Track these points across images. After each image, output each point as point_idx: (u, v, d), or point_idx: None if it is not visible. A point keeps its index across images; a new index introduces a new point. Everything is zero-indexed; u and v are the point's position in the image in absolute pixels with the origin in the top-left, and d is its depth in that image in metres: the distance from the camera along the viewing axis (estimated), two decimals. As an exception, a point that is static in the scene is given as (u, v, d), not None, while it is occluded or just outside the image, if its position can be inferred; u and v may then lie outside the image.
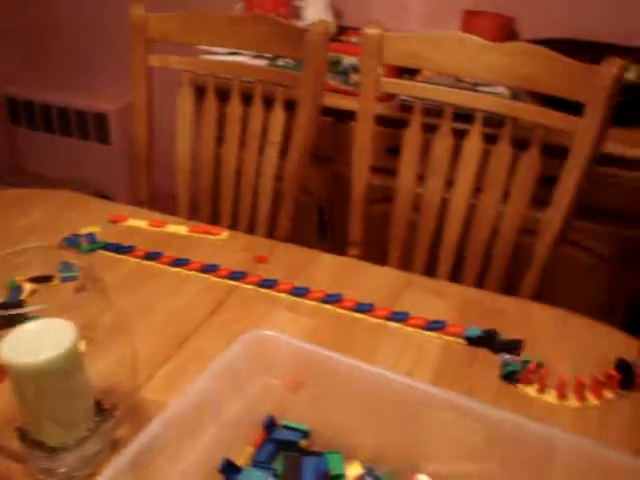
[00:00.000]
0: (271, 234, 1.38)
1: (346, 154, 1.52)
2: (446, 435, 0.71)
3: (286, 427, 0.72)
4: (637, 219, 1.47)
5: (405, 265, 1.33)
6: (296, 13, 1.83)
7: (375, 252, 1.67)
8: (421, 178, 1.29)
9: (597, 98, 1.09)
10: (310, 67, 1.27)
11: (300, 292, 0.96)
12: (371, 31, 1.25)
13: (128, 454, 0.56)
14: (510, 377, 0.82)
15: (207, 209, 1.46)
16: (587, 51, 1.65)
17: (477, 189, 1.24)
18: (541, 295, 1.61)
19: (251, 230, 1.40)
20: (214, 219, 1.43)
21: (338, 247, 1.36)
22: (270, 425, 0.72)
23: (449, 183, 1.27)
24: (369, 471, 0.67)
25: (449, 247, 1.29)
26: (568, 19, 1.76)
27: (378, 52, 1.25)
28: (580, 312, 1.61)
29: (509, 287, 1.23)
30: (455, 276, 1.29)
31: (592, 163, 1.12)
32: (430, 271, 1.31)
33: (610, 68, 1.08)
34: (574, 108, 1.12)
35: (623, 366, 0.83)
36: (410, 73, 1.58)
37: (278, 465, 0.69)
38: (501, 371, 0.82)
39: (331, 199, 1.70)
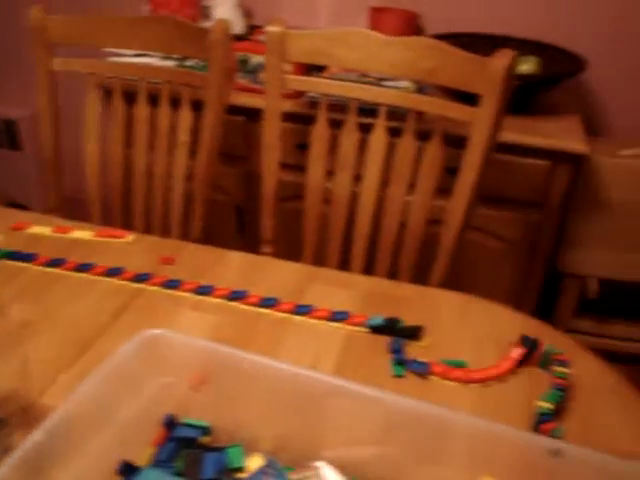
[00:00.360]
0: (185, 235, 1.38)
1: (259, 152, 1.52)
2: (346, 422, 0.72)
3: (186, 425, 0.71)
4: (538, 205, 1.53)
5: (319, 260, 1.34)
6: (205, 13, 1.83)
7: (290, 249, 1.69)
8: (331, 173, 1.30)
9: (491, 88, 1.12)
10: (214, 66, 1.27)
11: (205, 291, 0.96)
12: (273, 29, 1.26)
13: (10, 462, 0.54)
14: (414, 368, 0.84)
15: (119, 213, 1.44)
16: (488, 44, 1.70)
17: (385, 182, 1.27)
18: (453, 282, 1.66)
19: (165, 232, 1.39)
20: (127, 223, 1.41)
21: (256, 245, 1.37)
22: (170, 424, 0.71)
23: (358, 177, 1.28)
24: (270, 462, 0.68)
25: (361, 240, 1.31)
26: (471, 14, 1.81)
27: (281, 50, 1.26)
28: (494, 297, 1.66)
29: (420, 276, 1.26)
30: (368, 268, 1.31)
31: (490, 152, 1.16)
32: (344, 265, 1.32)
33: (501, 59, 1.12)
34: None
35: (527, 342, 0.86)
36: (319, 70, 1.59)
37: (179, 463, 0.69)
38: (394, 371, 0.84)
39: (247, 198, 1.70)
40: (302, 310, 0.92)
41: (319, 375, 0.72)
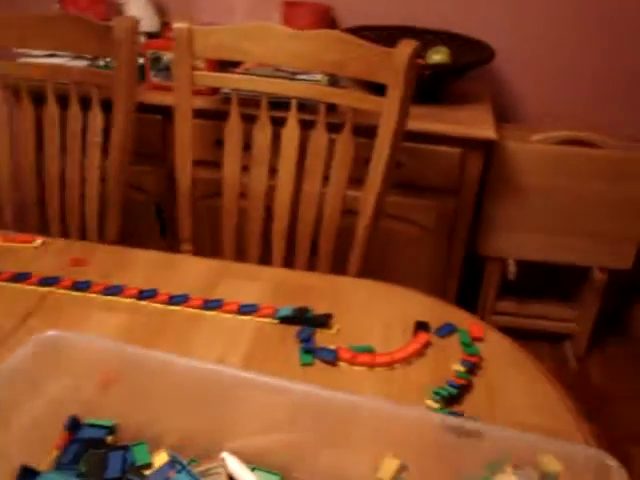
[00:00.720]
0: (102, 237, 1.36)
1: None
2: (252, 413, 0.73)
3: (90, 425, 0.71)
4: (454, 191, 1.56)
5: (240, 256, 1.35)
6: (117, 10, 1.80)
7: (212, 246, 1.68)
8: (247, 168, 1.30)
9: (396, 78, 1.15)
10: (121, 64, 1.25)
11: (115, 291, 0.95)
12: (180, 25, 1.25)
13: None
14: (322, 355, 0.85)
15: (34, 218, 1.41)
16: (400, 36, 1.72)
17: (300, 174, 1.28)
18: (374, 271, 1.68)
19: (83, 235, 1.36)
20: (43, 228, 1.38)
21: (179, 244, 1.36)
22: (73, 425, 0.71)
23: (274, 171, 1.29)
24: (175, 457, 0.68)
25: (279, 234, 1.32)
26: (383, 7, 1.83)
27: (189, 46, 1.25)
28: (416, 283, 1.69)
29: (339, 267, 1.27)
30: (288, 261, 1.32)
31: (398, 140, 1.18)
32: (264, 259, 1.33)
33: (404, 49, 1.14)
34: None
35: (423, 326, 0.89)
36: (236, 65, 1.59)
37: (83, 465, 0.68)
38: (301, 359, 0.85)
39: (167, 197, 1.69)
40: (212, 305, 0.93)
41: (225, 368, 0.73)
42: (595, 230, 1.79)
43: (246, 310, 0.92)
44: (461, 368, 0.82)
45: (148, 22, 1.77)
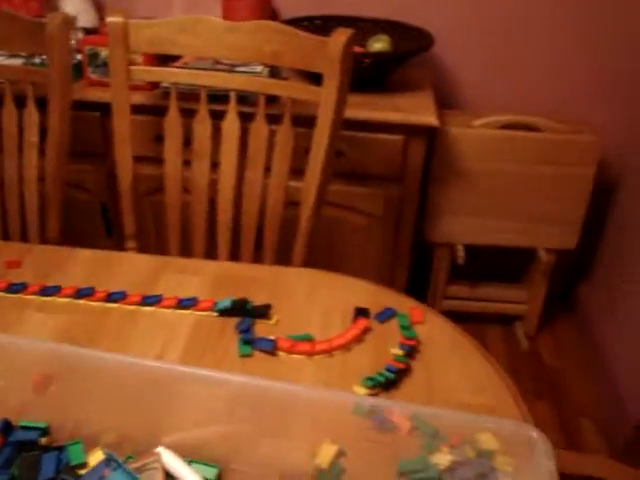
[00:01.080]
0: (44, 238, 1.33)
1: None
2: (190, 406, 0.73)
3: (23, 428, 0.70)
4: (398, 179, 1.57)
5: (186, 251, 1.34)
6: (53, 7, 1.76)
7: (158, 242, 1.67)
8: (189, 163, 1.29)
9: (331, 67, 1.15)
10: (54, 61, 1.23)
11: (51, 291, 0.94)
12: (114, 19, 1.23)
13: None
14: (260, 346, 0.85)
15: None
16: (340, 26, 1.72)
17: (242, 167, 1.27)
18: (322, 261, 1.69)
19: (24, 235, 1.34)
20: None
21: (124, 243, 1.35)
22: (5, 429, 0.69)
23: (216, 164, 1.28)
24: (109, 455, 0.67)
25: (224, 227, 1.31)
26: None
27: (124, 40, 1.24)
28: (365, 272, 1.71)
29: (284, 258, 1.27)
30: (234, 254, 1.32)
31: (337, 129, 1.19)
32: (210, 253, 1.32)
33: (339, 38, 1.14)
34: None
35: (362, 312, 0.89)
36: (175, 60, 1.58)
37: (16, 468, 0.67)
38: (240, 351, 0.85)
39: (111, 195, 1.67)
40: (150, 301, 0.92)
41: (161, 364, 0.73)
42: (539, 212, 1.82)
43: (185, 304, 0.91)
44: (400, 352, 0.83)
45: (85, 18, 1.74)
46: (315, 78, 1.19)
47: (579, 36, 1.83)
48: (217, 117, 1.26)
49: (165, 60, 1.56)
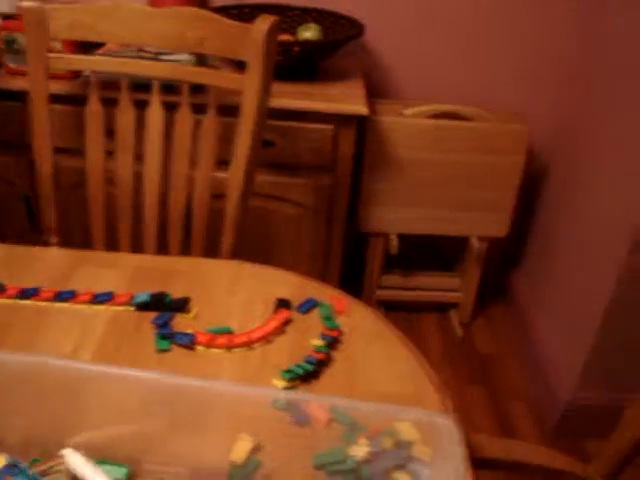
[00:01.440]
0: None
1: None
2: (101, 405, 0.70)
3: None
4: (329, 168, 1.57)
5: (112, 245, 1.30)
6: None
7: (83, 237, 1.62)
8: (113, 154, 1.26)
9: (254, 54, 1.12)
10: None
11: (-42, 288, 0.89)
12: (28, 4, 1.18)
13: None
14: (178, 341, 0.83)
15: None
16: (269, 14, 1.70)
17: (167, 158, 1.24)
18: (255, 252, 1.67)
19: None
20: None
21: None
22: None
23: (139, 156, 1.25)
24: (12, 460, 0.64)
25: (151, 220, 1.28)
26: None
27: (41, 27, 1.19)
28: (299, 263, 1.69)
29: (213, 250, 1.25)
30: (162, 248, 1.29)
31: (261, 117, 1.17)
32: (136, 247, 1.29)
33: (262, 24, 1.12)
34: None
35: (283, 303, 0.88)
36: (99, 47, 1.53)
37: None
38: (157, 346, 0.82)
39: (34, 187, 1.61)
40: (64, 296, 0.88)
41: (69, 362, 0.70)
42: (471, 201, 1.84)
43: (101, 299, 0.88)
44: (320, 342, 0.82)
45: (3, 2, 1.67)
46: (243, 66, 1.17)
47: (508, 25, 1.85)
48: (142, 107, 1.23)
49: (91, 48, 1.51)
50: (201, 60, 1.50)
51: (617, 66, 1.59)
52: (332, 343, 0.83)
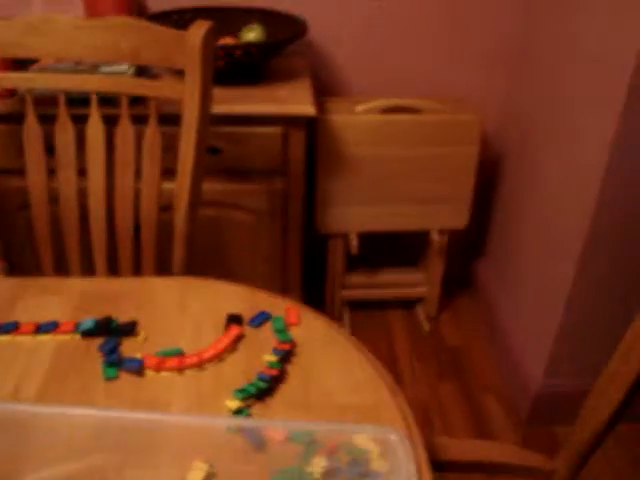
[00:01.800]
0: None
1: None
2: (50, 443, 0.68)
3: None
4: (281, 172, 1.54)
5: (63, 267, 1.26)
6: None
7: (32, 261, 1.57)
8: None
9: (192, 61, 1.09)
10: None
11: None
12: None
13: None
14: (127, 367, 0.79)
15: None
16: (211, 18, 1.66)
17: (111, 173, 1.20)
18: (211, 263, 1.64)
19: None
20: None
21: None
22: None
23: (82, 172, 1.21)
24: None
25: (99, 239, 1.24)
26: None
27: (-33, 46, 1.14)
28: (258, 270, 1.67)
29: (166, 264, 1.22)
30: (112, 266, 1.25)
31: (204, 125, 1.13)
32: (86, 267, 1.25)
33: (198, 30, 1.09)
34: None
35: (234, 319, 0.85)
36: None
37: None
38: (105, 374, 0.79)
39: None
40: (6, 329, 0.84)
41: (15, 405, 0.68)
42: (428, 194, 1.83)
43: (46, 329, 0.84)
44: (273, 358, 0.80)
45: None
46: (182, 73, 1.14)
47: (453, 11, 1.84)
48: (82, 121, 1.19)
49: (26, 63, 1.47)
50: (141, 69, 1.46)
51: (565, 47, 1.59)
52: (285, 357, 0.81)
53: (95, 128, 1.19)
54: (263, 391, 0.75)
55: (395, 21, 1.84)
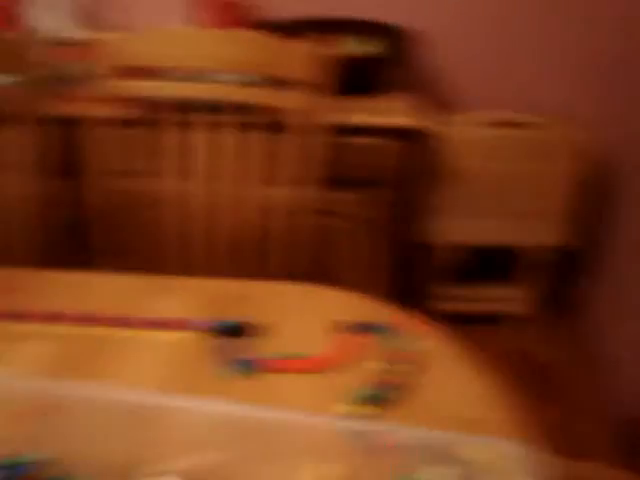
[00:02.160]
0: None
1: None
2: (175, 435, 0.71)
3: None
4: (388, 182, 1.56)
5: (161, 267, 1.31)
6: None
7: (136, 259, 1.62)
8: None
9: (303, 73, 1.14)
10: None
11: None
12: (102, 35, 1.22)
13: None
14: (244, 367, 0.83)
15: None
16: (324, 29, 1.69)
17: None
18: (315, 270, 1.66)
19: None
20: None
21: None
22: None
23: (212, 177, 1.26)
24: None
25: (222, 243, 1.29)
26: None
27: (112, 56, 1.22)
28: (359, 278, 1.68)
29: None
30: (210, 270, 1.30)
31: (316, 134, 1.17)
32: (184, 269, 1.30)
33: (310, 46, 1.13)
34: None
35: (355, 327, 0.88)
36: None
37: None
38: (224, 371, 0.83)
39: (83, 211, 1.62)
40: (128, 323, 0.90)
41: (144, 394, 0.72)
42: (527, 209, 1.81)
43: (168, 326, 0.89)
44: (390, 366, 0.82)
45: (67, 30, 1.70)
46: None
47: (565, 26, 1.81)
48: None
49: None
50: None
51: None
52: (407, 366, 0.82)
53: (228, 136, 1.24)
54: (380, 399, 0.76)
55: (502, 34, 1.82)
